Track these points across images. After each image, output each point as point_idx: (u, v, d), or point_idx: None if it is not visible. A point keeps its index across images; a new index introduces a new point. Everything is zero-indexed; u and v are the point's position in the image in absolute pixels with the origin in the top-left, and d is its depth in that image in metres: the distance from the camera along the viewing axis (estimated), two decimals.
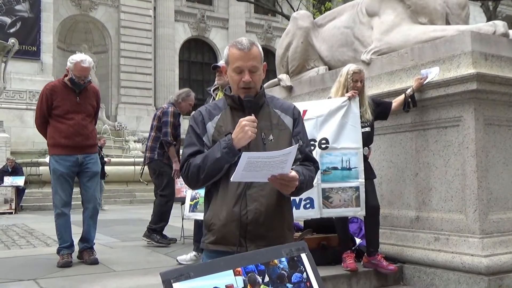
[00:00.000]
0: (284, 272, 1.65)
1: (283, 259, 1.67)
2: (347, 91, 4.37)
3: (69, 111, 4.86)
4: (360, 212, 4.30)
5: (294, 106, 2.40)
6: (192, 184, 2.31)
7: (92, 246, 5.00)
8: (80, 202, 5.09)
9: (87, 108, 4.97)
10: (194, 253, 4.97)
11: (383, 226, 4.62)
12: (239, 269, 1.58)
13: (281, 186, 2.10)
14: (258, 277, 1.60)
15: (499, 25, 4.59)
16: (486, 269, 3.86)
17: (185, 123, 4.63)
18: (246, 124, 2.08)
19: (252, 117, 2.11)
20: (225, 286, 1.54)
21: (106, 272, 4.51)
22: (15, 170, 13.68)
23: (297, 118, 2.34)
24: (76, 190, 5.04)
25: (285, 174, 2.05)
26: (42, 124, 4.98)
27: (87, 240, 4.97)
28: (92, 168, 4.98)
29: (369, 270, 4.30)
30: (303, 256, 1.71)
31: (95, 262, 4.82)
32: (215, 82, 5.21)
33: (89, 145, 4.98)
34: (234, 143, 2.09)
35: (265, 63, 2.33)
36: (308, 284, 1.67)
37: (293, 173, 2.10)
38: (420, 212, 4.53)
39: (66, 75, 4.95)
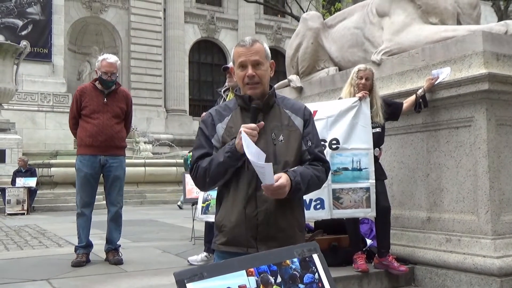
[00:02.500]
0: (296, 273, 1.66)
1: (295, 259, 1.68)
2: (353, 90, 4.38)
3: (95, 111, 4.93)
4: (370, 213, 4.28)
5: (305, 106, 2.39)
6: (200, 186, 2.35)
7: (117, 248, 5.06)
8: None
9: (114, 109, 5.01)
10: (205, 253, 4.98)
11: (394, 227, 4.60)
12: (251, 269, 1.59)
13: (270, 195, 2.08)
14: (270, 277, 1.61)
15: (511, 25, 4.56)
16: (498, 271, 3.83)
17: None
18: (241, 131, 2.07)
19: (252, 125, 2.11)
20: (238, 286, 1.55)
21: (117, 273, 4.54)
22: (29, 170, 13.75)
23: (308, 119, 2.33)
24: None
25: (269, 184, 2.04)
26: (74, 125, 5.09)
27: (110, 241, 5.06)
28: (114, 172, 5.01)
29: (380, 271, 4.28)
30: (315, 257, 1.72)
31: (118, 262, 4.88)
32: (226, 84, 5.22)
33: (113, 146, 5.00)
34: (237, 148, 2.10)
35: (272, 60, 2.33)
36: (320, 284, 1.68)
37: (280, 182, 2.06)
38: (432, 213, 4.51)
39: (96, 79, 5.05)
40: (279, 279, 1.62)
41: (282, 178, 2.08)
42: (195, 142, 2.35)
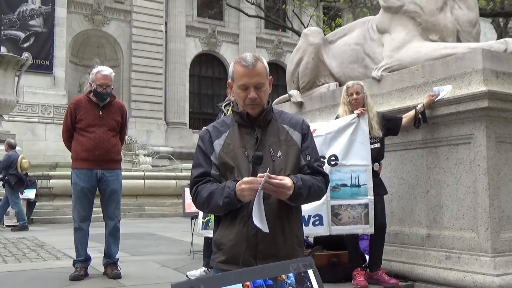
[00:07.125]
0: None
1: (291, 274, 1.69)
2: (347, 108, 4.44)
3: (90, 124, 4.91)
4: (369, 229, 4.28)
5: (303, 120, 2.38)
6: (200, 210, 2.35)
7: (115, 262, 5.03)
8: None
9: (109, 122, 4.99)
10: (203, 268, 4.96)
11: (394, 243, 4.59)
12: (248, 283, 1.60)
13: (273, 192, 2.07)
14: None
15: (510, 43, 4.59)
16: None
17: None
18: (244, 189, 2.03)
19: (253, 178, 2.04)
20: None
21: (116, 287, 4.51)
22: (29, 182, 13.65)
23: (306, 133, 2.32)
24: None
25: (273, 181, 2.03)
26: (68, 138, 5.07)
27: (109, 255, 5.03)
28: (111, 186, 4.99)
29: (380, 287, 4.26)
30: (310, 272, 1.73)
31: (116, 276, 4.85)
32: (227, 98, 5.24)
33: (109, 159, 4.98)
34: (237, 194, 2.06)
35: (271, 77, 2.32)
36: None
37: (285, 180, 2.06)
38: (431, 230, 4.50)
39: (90, 91, 5.03)
40: None
41: (286, 179, 2.08)
42: (193, 160, 2.32)
